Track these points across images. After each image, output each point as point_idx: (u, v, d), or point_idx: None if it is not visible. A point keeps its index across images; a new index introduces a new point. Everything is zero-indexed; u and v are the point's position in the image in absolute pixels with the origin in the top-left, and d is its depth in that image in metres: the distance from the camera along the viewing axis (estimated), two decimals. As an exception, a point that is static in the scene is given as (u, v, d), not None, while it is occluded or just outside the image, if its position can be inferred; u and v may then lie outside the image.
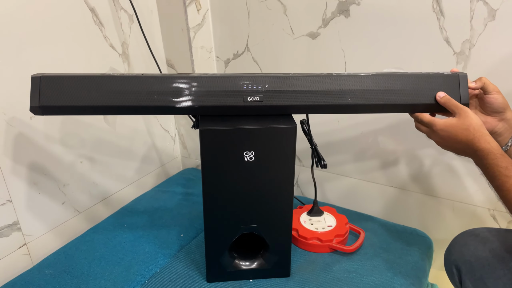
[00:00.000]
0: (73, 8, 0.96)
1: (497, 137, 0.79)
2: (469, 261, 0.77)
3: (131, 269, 0.88)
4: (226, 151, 0.72)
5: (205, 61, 1.25)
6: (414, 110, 0.77)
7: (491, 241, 0.78)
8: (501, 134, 0.78)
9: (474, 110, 0.80)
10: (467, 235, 0.82)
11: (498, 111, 0.76)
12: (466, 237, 0.82)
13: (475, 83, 0.76)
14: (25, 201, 0.94)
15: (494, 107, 0.76)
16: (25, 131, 0.92)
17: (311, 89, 0.73)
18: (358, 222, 1.03)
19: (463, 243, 0.81)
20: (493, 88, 0.75)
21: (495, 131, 0.78)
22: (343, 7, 1.00)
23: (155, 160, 1.32)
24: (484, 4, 0.85)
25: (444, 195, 1.07)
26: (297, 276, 0.86)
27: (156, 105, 0.73)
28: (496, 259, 0.74)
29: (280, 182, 0.76)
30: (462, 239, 0.82)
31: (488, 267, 0.74)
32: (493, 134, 0.79)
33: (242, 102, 0.73)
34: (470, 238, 0.81)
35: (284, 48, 1.13)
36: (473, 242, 0.79)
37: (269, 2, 1.10)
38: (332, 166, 1.20)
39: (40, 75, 0.72)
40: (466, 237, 0.82)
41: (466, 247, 0.80)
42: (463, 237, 0.82)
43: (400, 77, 0.75)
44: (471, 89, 0.77)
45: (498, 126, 0.77)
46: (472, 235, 0.81)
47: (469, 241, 0.80)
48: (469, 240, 0.80)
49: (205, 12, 1.20)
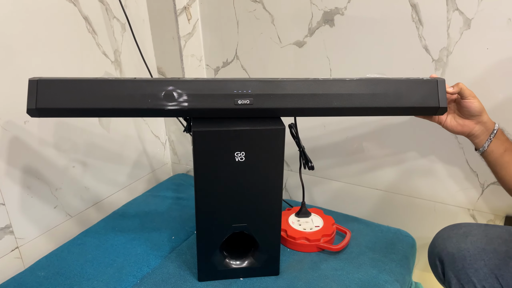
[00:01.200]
0: (67, 16, 0.99)
1: (474, 139, 0.84)
2: (451, 253, 0.81)
3: (123, 270, 0.90)
4: (218, 151, 0.75)
5: (195, 69, 1.28)
6: (396, 113, 0.81)
7: (472, 234, 0.82)
8: (478, 136, 0.83)
9: (452, 114, 0.85)
10: (450, 229, 0.86)
11: (474, 115, 0.81)
12: (449, 231, 0.86)
13: (452, 88, 0.81)
14: (18, 204, 0.96)
15: (471, 111, 0.81)
16: (20, 135, 0.93)
17: (299, 93, 0.77)
18: (344, 223, 1.06)
19: (446, 236, 0.84)
20: (469, 93, 0.80)
21: (472, 133, 0.83)
22: (328, 17, 1.05)
23: (146, 165, 1.34)
24: (460, 14, 0.91)
25: (426, 196, 1.11)
26: (286, 274, 0.88)
27: (150, 108, 0.76)
28: (477, 251, 0.78)
29: (270, 181, 0.79)
30: (445, 233, 0.86)
31: (470, 258, 0.78)
32: (470, 137, 0.84)
33: (232, 105, 0.77)
34: (453, 231, 0.85)
35: (272, 56, 1.17)
36: (455, 235, 0.83)
37: (257, 12, 1.14)
38: (318, 170, 1.23)
39: (37, 79, 0.74)
40: (449, 231, 0.86)
41: (449, 240, 0.83)
42: (446, 231, 0.86)
43: (383, 82, 0.79)
44: (449, 93, 0.81)
45: (475, 129, 0.82)
46: (454, 229, 0.86)
47: (452, 235, 0.84)
48: (452, 233, 0.84)
49: (196, 21, 1.23)
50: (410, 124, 1.06)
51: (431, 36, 0.95)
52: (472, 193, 1.05)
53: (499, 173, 0.84)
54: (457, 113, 0.84)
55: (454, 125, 0.84)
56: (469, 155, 1.02)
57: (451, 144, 1.03)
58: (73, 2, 0.99)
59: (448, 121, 0.84)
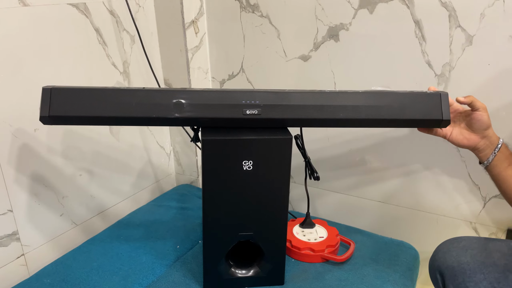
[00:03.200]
0: (79, 28, 1.01)
1: (479, 153, 0.85)
2: (451, 267, 0.81)
3: (128, 278, 0.90)
4: (226, 160, 0.77)
5: (202, 81, 1.30)
6: (400, 124, 0.83)
7: (472, 248, 0.83)
8: (483, 150, 0.84)
9: (458, 127, 0.86)
10: (450, 243, 0.87)
11: (483, 128, 0.82)
12: (449, 245, 0.87)
13: (464, 98, 0.83)
14: (25, 211, 0.96)
15: (481, 124, 0.82)
16: (29, 142, 0.95)
17: (306, 104, 0.79)
18: (347, 234, 1.07)
19: (446, 250, 0.85)
20: (481, 105, 0.82)
21: (478, 147, 0.84)
22: (333, 32, 1.08)
23: (151, 176, 1.35)
24: (462, 30, 0.93)
25: (428, 209, 1.12)
26: (291, 284, 0.89)
27: (160, 117, 0.77)
28: (476, 264, 0.79)
29: (276, 190, 0.80)
30: (445, 246, 0.87)
31: (469, 271, 0.78)
32: (475, 150, 0.85)
33: (241, 115, 0.79)
34: (453, 245, 0.86)
35: (277, 70, 1.20)
36: (455, 249, 0.84)
37: (263, 26, 1.17)
38: (322, 182, 1.25)
39: (50, 87, 0.76)
40: (449, 245, 0.87)
41: (449, 253, 0.84)
42: (446, 245, 0.87)
43: (387, 95, 0.81)
44: (461, 102, 0.83)
45: (480, 143, 0.84)
46: (454, 242, 0.86)
47: (452, 248, 0.85)
48: (452, 247, 0.85)
49: (203, 35, 1.26)
50: (413, 137, 1.07)
51: (434, 52, 0.98)
52: (474, 206, 1.06)
53: (502, 186, 0.85)
54: (464, 127, 0.85)
55: (460, 138, 0.85)
56: (472, 168, 1.03)
57: (453, 157, 1.04)
58: (85, 14, 1.02)
59: (454, 135, 0.86)
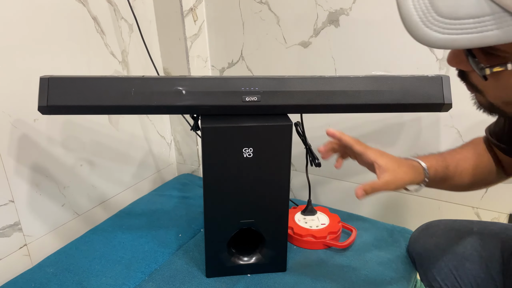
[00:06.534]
0: (76, 16, 1.00)
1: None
2: (419, 253, 0.86)
3: (131, 266, 0.91)
4: (226, 147, 0.76)
5: (201, 70, 1.29)
6: (401, 109, 0.82)
7: (437, 235, 0.86)
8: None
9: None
10: (420, 230, 0.91)
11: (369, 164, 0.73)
12: (419, 232, 0.91)
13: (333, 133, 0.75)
14: (26, 202, 0.97)
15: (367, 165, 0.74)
16: (29, 133, 0.95)
17: (306, 90, 0.78)
18: (349, 221, 1.07)
19: (416, 237, 0.90)
20: (351, 142, 0.74)
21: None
22: (333, 17, 1.06)
23: (152, 165, 1.35)
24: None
25: (430, 195, 1.12)
26: (293, 271, 0.89)
27: (160, 105, 0.77)
28: (438, 252, 0.83)
29: (277, 177, 0.80)
30: (416, 233, 0.92)
31: (433, 258, 0.82)
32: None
33: (240, 102, 0.78)
34: (422, 232, 0.90)
35: (277, 57, 1.19)
36: (423, 236, 0.88)
37: (263, 13, 1.16)
38: (322, 169, 1.24)
39: (48, 76, 0.75)
40: (419, 232, 0.90)
41: (418, 240, 0.88)
42: (417, 232, 0.91)
43: (388, 79, 0.80)
44: (328, 134, 0.76)
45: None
46: (424, 229, 0.90)
47: (421, 235, 0.89)
48: (421, 234, 0.89)
49: (202, 22, 1.25)
50: (414, 123, 1.07)
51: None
52: (476, 192, 1.05)
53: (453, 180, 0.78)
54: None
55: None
56: (474, 153, 1.03)
57: (455, 142, 1.03)
58: (82, 2, 1.01)
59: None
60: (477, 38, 0.38)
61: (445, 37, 0.39)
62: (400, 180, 0.68)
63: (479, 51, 0.44)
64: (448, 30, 0.39)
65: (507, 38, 0.37)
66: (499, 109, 0.49)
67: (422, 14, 0.41)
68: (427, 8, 0.40)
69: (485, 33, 0.37)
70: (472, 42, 0.38)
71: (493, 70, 0.43)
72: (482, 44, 0.38)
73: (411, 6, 0.41)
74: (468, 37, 0.38)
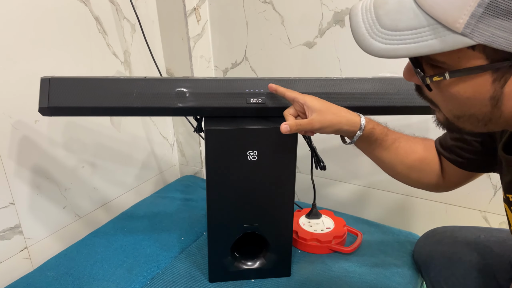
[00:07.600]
0: (78, 16, 0.99)
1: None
2: (425, 261, 0.85)
3: (133, 270, 0.89)
4: (230, 150, 0.75)
5: (204, 70, 1.28)
6: (408, 112, 0.81)
7: (443, 243, 0.84)
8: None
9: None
10: (426, 237, 0.90)
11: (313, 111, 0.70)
12: (424, 238, 0.89)
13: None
14: (27, 204, 0.95)
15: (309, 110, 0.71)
16: (30, 134, 0.93)
17: (312, 92, 0.77)
18: (355, 225, 1.05)
19: (422, 244, 0.89)
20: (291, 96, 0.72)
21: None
22: (339, 17, 1.05)
23: (154, 167, 1.33)
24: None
25: (437, 198, 1.10)
26: (298, 275, 0.87)
27: (162, 107, 0.75)
28: (445, 260, 0.81)
29: (282, 180, 0.78)
30: (422, 240, 0.90)
31: (440, 267, 0.81)
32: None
33: (245, 104, 0.76)
34: (428, 239, 0.88)
35: (281, 57, 1.17)
36: (429, 244, 0.87)
37: (267, 13, 1.14)
38: (327, 172, 1.22)
39: (49, 77, 0.74)
40: (425, 239, 0.89)
41: (424, 247, 0.87)
42: (423, 239, 0.90)
43: (395, 81, 0.79)
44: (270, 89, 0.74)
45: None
46: (430, 236, 0.89)
47: (427, 242, 0.87)
48: (427, 241, 0.88)
49: (205, 22, 1.23)
50: (421, 125, 1.05)
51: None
52: (484, 195, 1.04)
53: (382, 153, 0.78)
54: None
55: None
56: (482, 156, 1.01)
57: (463, 145, 1.02)
58: (84, 2, 0.99)
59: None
60: (414, 48, 0.41)
61: (387, 47, 0.43)
62: (326, 121, 0.68)
63: (426, 64, 0.46)
64: (389, 40, 0.43)
65: (441, 47, 0.40)
66: (454, 124, 0.50)
67: (369, 26, 0.44)
68: (373, 21, 0.44)
69: (421, 43, 0.41)
70: (409, 52, 0.42)
71: (433, 80, 0.44)
72: (418, 53, 0.41)
73: (360, 19, 0.45)
74: (407, 47, 0.42)
